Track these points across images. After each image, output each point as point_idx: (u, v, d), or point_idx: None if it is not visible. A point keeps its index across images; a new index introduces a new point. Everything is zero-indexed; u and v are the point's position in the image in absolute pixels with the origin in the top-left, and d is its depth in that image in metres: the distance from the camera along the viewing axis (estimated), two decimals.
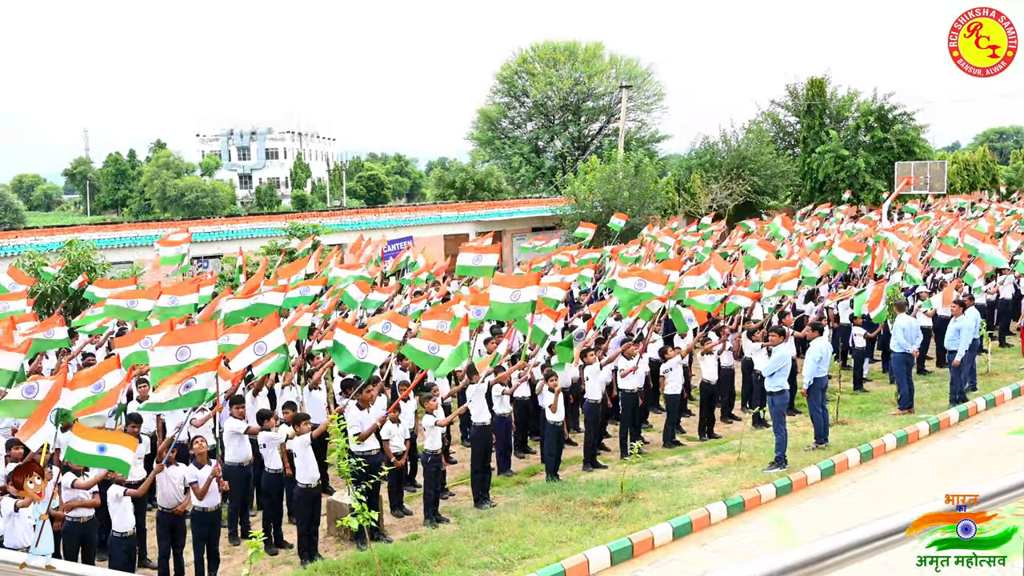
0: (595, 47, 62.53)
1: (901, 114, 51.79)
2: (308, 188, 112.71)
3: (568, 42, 62.72)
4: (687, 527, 11.84)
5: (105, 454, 10.03)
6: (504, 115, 63.95)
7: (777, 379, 14.46)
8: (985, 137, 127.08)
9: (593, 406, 15.48)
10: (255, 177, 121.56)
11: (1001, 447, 14.87)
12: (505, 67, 62.77)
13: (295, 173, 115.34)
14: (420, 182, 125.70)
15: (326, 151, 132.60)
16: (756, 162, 44.82)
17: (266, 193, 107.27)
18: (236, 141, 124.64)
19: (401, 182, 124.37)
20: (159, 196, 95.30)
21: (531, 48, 62.81)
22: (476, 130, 64.36)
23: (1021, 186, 64.32)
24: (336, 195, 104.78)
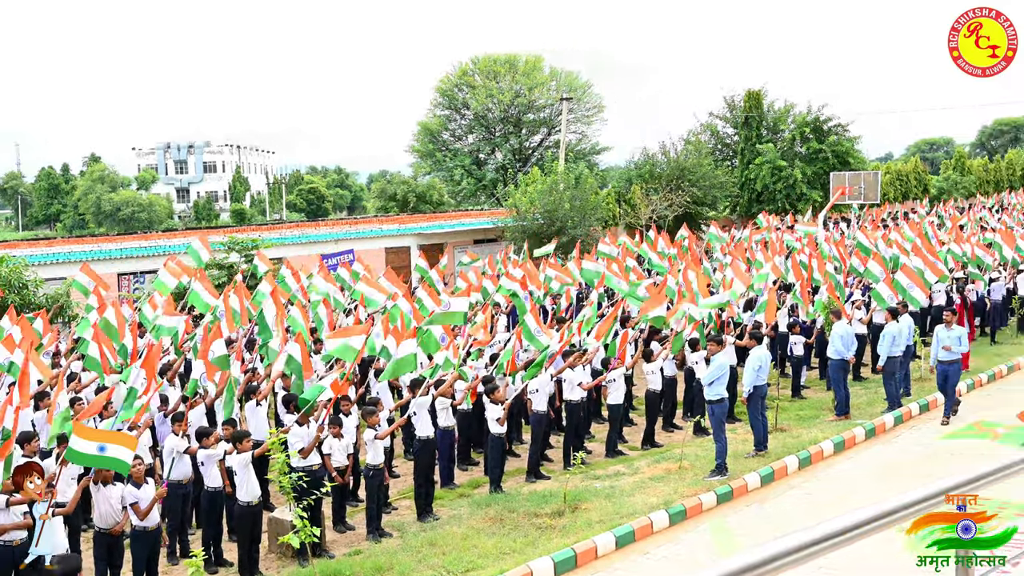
0: (535, 60, 62.82)
1: (836, 125, 52.78)
2: (247, 202, 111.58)
3: (508, 55, 62.97)
4: (630, 536, 11.88)
5: (105, 454, 10.12)
6: (445, 128, 63.94)
7: (716, 388, 14.59)
8: (917, 148, 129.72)
9: (539, 418, 15.50)
10: (193, 191, 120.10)
11: (935, 451, 15.15)
12: (445, 80, 62.81)
13: (234, 187, 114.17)
14: (361, 195, 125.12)
15: (265, 164, 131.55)
16: (695, 173, 45.35)
17: (204, 207, 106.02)
18: (173, 155, 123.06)
19: (342, 195, 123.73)
20: (94, 211, 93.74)
21: (471, 61, 62.95)
22: (417, 143, 64.27)
23: (951, 195, 65.64)
24: (276, 209, 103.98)
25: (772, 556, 2.56)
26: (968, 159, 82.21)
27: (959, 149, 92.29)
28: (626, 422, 17.90)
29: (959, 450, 14.89)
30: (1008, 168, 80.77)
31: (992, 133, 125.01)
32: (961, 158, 79.45)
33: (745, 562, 2.50)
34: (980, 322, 24.07)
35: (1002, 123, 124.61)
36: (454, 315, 16.07)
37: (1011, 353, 22.14)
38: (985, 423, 16.63)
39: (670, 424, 18.13)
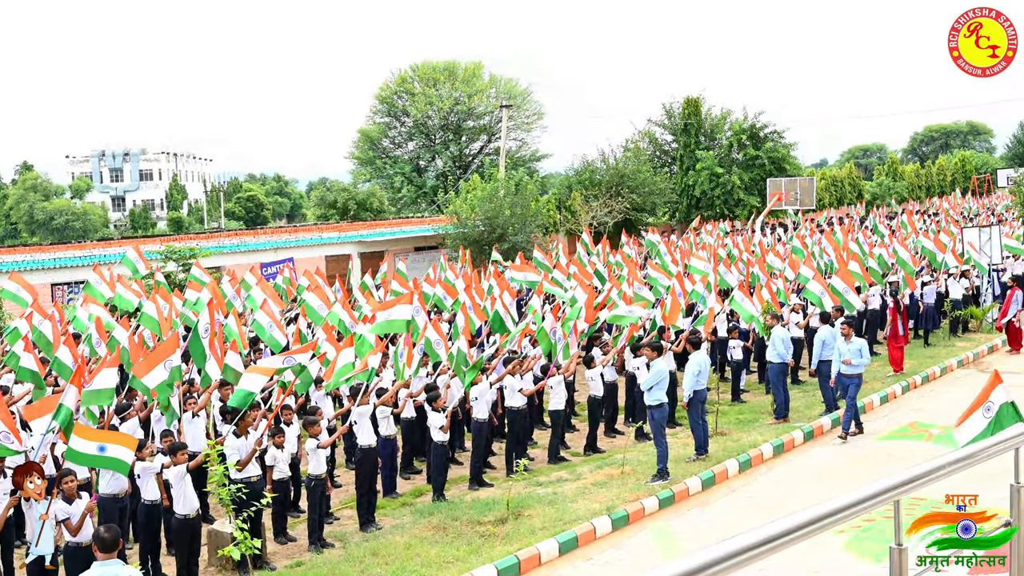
0: (475, 67, 62.91)
1: (772, 132, 53.56)
2: (185, 210, 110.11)
3: (447, 62, 62.98)
4: (573, 542, 11.91)
5: (105, 454, 10.19)
6: (385, 135, 63.75)
7: (656, 393, 14.68)
8: (851, 154, 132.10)
9: (480, 425, 15.46)
10: (129, 199, 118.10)
11: (872, 453, 15.41)
12: (384, 87, 62.61)
13: (171, 195, 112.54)
14: (300, 203, 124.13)
15: (203, 172, 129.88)
16: (634, 180, 45.68)
17: (140, 216, 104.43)
18: (108, 162, 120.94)
19: (281, 203, 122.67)
20: (26, 220, 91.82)
21: (410, 68, 62.84)
22: (357, 150, 63.98)
23: (884, 200, 66.93)
24: (214, 217, 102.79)
25: (714, 560, 2.56)
26: (900, 165, 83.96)
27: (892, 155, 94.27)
28: (568, 428, 17.93)
29: (895, 451, 15.15)
30: (939, 173, 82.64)
31: (923, 139, 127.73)
32: (894, 164, 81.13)
33: (687, 566, 2.50)
34: (914, 325, 24.51)
35: (932, 129, 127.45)
36: (396, 323, 16.03)
37: (944, 355, 22.60)
38: (920, 424, 16.95)
39: (612, 430, 18.19)
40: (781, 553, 2.88)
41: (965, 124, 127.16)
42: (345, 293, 25.50)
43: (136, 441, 10.93)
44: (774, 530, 2.73)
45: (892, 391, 19.30)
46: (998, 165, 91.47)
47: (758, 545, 2.67)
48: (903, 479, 3.29)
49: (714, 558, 2.55)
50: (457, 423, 16.26)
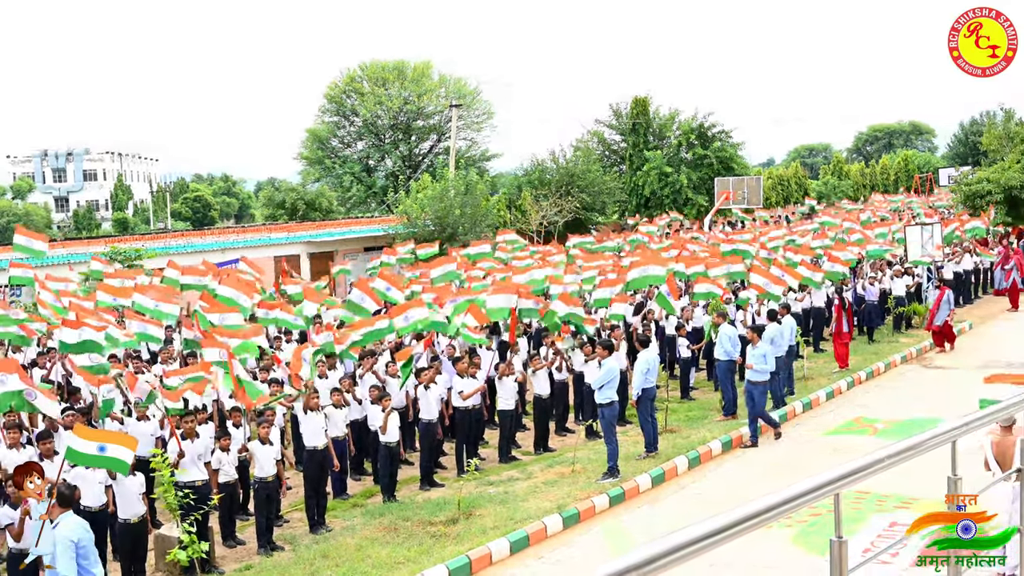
0: (424, 66, 62.74)
1: (719, 132, 54.02)
2: (130, 211, 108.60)
3: (397, 61, 62.76)
4: (524, 541, 11.94)
5: (105, 454, 10.19)
6: (334, 134, 63.38)
7: (606, 391, 14.75)
8: (797, 153, 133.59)
9: (428, 425, 15.43)
10: (72, 200, 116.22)
11: (819, 447, 15.61)
12: (333, 86, 62.24)
13: (116, 195, 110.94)
14: (249, 203, 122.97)
15: (149, 172, 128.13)
16: (584, 179, 45.87)
17: (85, 216, 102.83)
18: (51, 162, 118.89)
19: (229, 203, 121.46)
20: None
21: (359, 67, 62.52)
22: (306, 149, 63.52)
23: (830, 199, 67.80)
24: (160, 217, 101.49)
25: (660, 553, 2.60)
26: (845, 164, 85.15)
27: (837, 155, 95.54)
28: (519, 427, 17.95)
29: (841, 445, 15.36)
30: (883, 172, 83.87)
31: (868, 139, 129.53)
32: (839, 163, 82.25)
33: (634, 560, 2.53)
34: (858, 322, 24.87)
35: (876, 129, 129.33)
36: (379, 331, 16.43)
37: (888, 352, 22.96)
38: (865, 419, 17.20)
39: (562, 428, 18.25)
40: (730, 548, 2.92)
41: (908, 124, 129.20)
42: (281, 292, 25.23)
43: (136, 442, 10.87)
44: (717, 524, 2.77)
45: (838, 387, 19.58)
46: (940, 164, 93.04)
47: (702, 539, 2.71)
48: (841, 473, 3.34)
49: (660, 552, 2.58)
50: (407, 424, 16.22)
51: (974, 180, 37.99)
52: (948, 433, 4.09)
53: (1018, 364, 20.32)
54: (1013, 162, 36.60)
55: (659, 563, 2.57)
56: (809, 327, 23.83)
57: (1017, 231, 37.76)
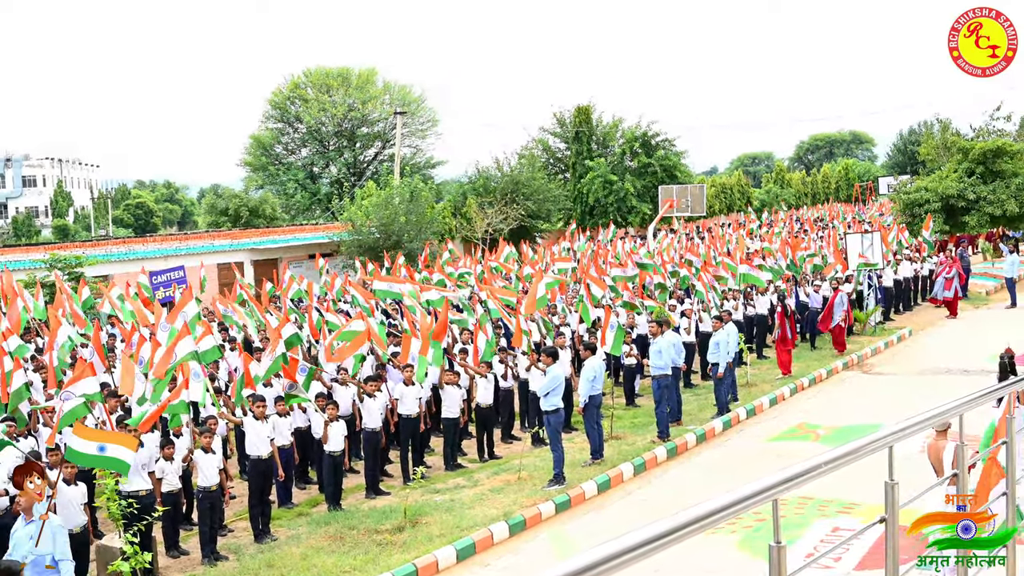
0: (368, 73, 62.56)
1: (663, 140, 54.48)
2: (71, 217, 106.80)
3: (341, 68, 62.51)
4: (471, 549, 11.94)
5: (105, 454, 10.16)
6: (277, 141, 62.96)
7: (552, 399, 14.79)
8: (740, 162, 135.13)
9: (372, 434, 15.36)
10: (11, 206, 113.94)
11: (762, 452, 15.78)
12: (276, 93, 61.85)
13: (56, 202, 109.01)
14: (192, 210, 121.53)
15: (90, 178, 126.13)
16: (529, 187, 46.04)
17: (24, 223, 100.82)
18: None
19: (171, 210, 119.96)
20: None
21: (303, 74, 62.18)
22: (249, 156, 63.01)
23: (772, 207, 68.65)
24: (101, 224, 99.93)
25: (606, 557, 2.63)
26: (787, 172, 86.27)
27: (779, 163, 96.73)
28: (464, 435, 17.93)
29: (784, 451, 15.53)
30: (824, 181, 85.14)
31: (809, 148, 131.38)
32: (781, 172, 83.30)
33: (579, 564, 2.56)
34: (800, 329, 25.18)
35: (818, 138, 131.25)
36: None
37: (829, 358, 23.27)
38: (808, 425, 17.43)
39: (508, 435, 18.27)
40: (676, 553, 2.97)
41: (848, 133, 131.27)
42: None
43: (137, 442, 10.74)
44: (660, 529, 2.81)
45: (781, 393, 19.81)
46: (879, 173, 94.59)
47: (646, 543, 2.74)
48: (780, 479, 3.40)
49: (604, 556, 2.61)
50: (352, 432, 16.14)
51: (912, 189, 38.64)
52: (885, 438, 4.17)
53: (956, 370, 20.71)
54: (950, 171, 37.30)
55: (603, 567, 2.60)
56: (753, 334, 24.09)
57: (955, 239, 38.52)
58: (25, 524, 9.27)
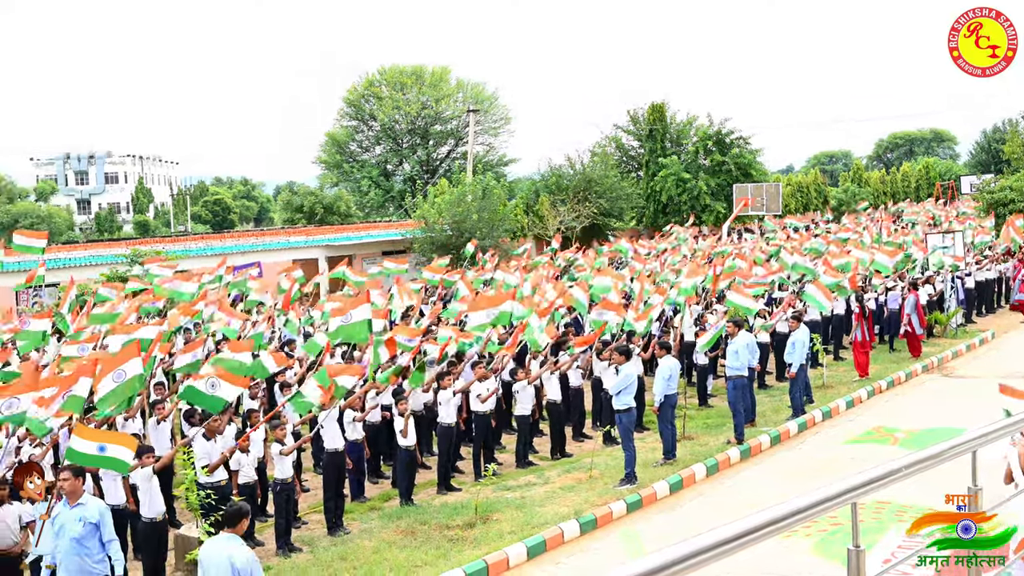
0: (442, 71, 62.93)
1: (737, 138, 53.89)
2: (151, 213, 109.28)
3: (415, 66, 62.95)
4: (541, 546, 11.93)
5: (105, 454, 10.15)
6: (352, 139, 63.63)
7: (623, 397, 14.73)
8: (816, 160, 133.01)
9: (446, 429, 15.45)
10: (94, 202, 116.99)
11: (838, 456, 15.51)
12: (352, 91, 62.50)
13: (137, 198, 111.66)
14: (268, 206, 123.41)
15: (169, 175, 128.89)
16: (602, 185, 45.83)
17: (106, 219, 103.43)
18: (73, 165, 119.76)
19: (248, 206, 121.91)
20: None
21: (378, 72, 62.73)
22: (324, 154, 63.78)
23: (849, 207, 67.44)
24: (180, 220, 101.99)
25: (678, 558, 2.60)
26: (865, 171, 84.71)
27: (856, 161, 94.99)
28: (536, 432, 17.94)
29: (860, 455, 15.26)
30: (903, 180, 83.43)
31: (888, 146, 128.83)
32: (859, 170, 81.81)
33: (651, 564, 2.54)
34: (879, 330, 24.73)
35: (897, 136, 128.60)
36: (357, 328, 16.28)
37: (909, 361, 22.80)
38: (886, 428, 17.10)
39: (580, 434, 18.23)
40: (748, 556, 2.93)
41: (929, 131, 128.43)
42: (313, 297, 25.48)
43: (136, 442, 10.92)
44: (734, 531, 2.78)
45: (857, 396, 19.47)
46: (961, 172, 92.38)
47: (718, 545, 2.71)
48: (859, 482, 3.34)
49: (675, 557, 2.58)
50: (424, 427, 16.24)
51: (997, 188, 37.72)
52: (969, 443, 4.07)
53: None
54: None
55: (676, 568, 2.58)
56: (829, 335, 23.72)
57: None
58: (70, 508, 9.39)
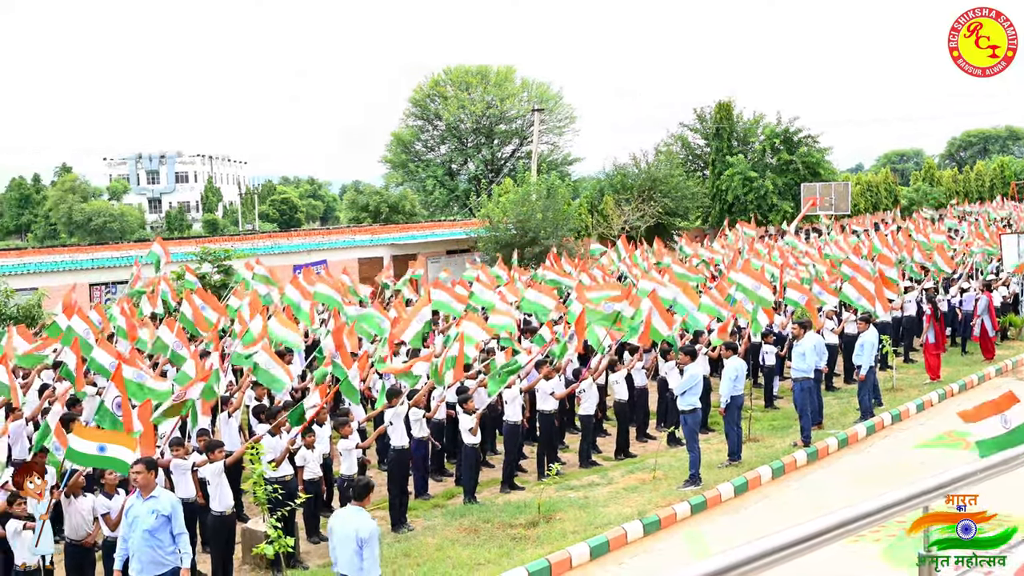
0: (507, 71, 63.03)
1: (805, 137, 53.19)
2: (219, 212, 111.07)
3: (480, 66, 63.16)
4: (604, 547, 11.89)
5: (105, 454, 10.20)
6: (417, 138, 64.03)
7: (689, 398, 14.62)
8: (887, 159, 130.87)
9: (512, 428, 15.48)
10: (165, 201, 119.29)
11: (907, 460, 15.24)
12: (418, 90, 62.90)
13: (206, 197, 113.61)
14: (334, 205, 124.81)
15: (237, 175, 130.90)
16: (667, 184, 45.53)
17: (176, 217, 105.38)
18: (145, 165, 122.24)
19: (314, 205, 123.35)
20: (65, 221, 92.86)
21: (443, 71, 63.05)
22: (390, 153, 64.25)
23: (920, 207, 66.27)
24: (248, 219, 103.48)
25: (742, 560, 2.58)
26: (937, 170, 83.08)
27: (928, 160, 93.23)
28: (599, 432, 17.90)
29: (930, 459, 14.99)
30: (977, 179, 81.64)
31: (961, 144, 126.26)
32: (930, 169, 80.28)
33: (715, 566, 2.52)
34: (951, 332, 24.26)
35: (971, 134, 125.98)
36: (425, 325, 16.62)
37: (981, 364, 22.34)
38: (957, 432, 16.73)
39: (644, 434, 18.15)
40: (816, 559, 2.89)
41: (1004, 129, 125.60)
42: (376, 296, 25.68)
43: (136, 442, 10.98)
44: (800, 533, 2.74)
45: (928, 399, 19.10)
46: None
47: (784, 548, 2.68)
48: (931, 485, 3.28)
49: (740, 559, 2.56)
50: (488, 426, 16.28)
51: None
52: None
53: None
54: None
55: (740, 570, 2.55)
56: (899, 337, 23.31)
57: None
58: (143, 501, 9.54)
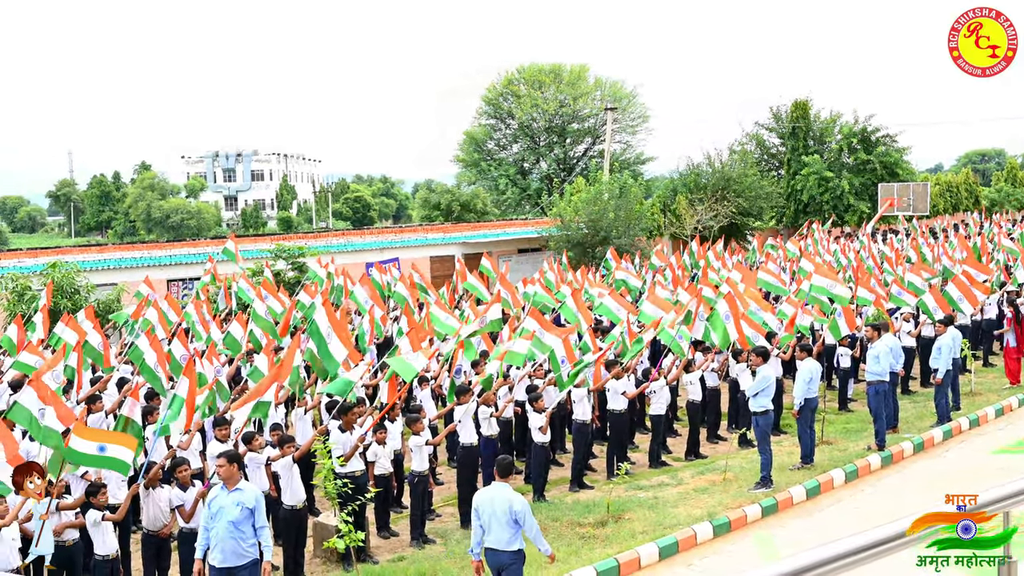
0: (580, 69, 62.95)
1: (884, 136, 52.24)
2: (294, 210, 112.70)
3: (553, 64, 63.16)
4: (673, 547, 11.84)
5: (105, 454, 10.16)
6: (490, 137, 64.25)
7: (761, 399, 14.48)
8: (968, 159, 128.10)
9: (582, 427, 15.49)
10: (241, 199, 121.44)
11: (984, 465, 14.92)
12: (491, 89, 63.10)
13: (281, 195, 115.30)
14: (406, 204, 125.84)
15: (312, 173, 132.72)
16: (741, 184, 44.98)
17: (252, 215, 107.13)
18: (221, 163, 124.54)
19: (387, 204, 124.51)
20: (144, 218, 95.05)
21: (516, 70, 63.18)
22: (462, 152, 64.56)
23: (1003, 207, 64.70)
24: (322, 217, 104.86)
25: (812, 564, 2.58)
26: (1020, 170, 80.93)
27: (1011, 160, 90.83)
28: (670, 432, 17.83)
29: (1008, 465, 14.68)
30: None
31: None
32: (1013, 169, 78.25)
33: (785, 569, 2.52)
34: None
35: None
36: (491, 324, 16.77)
37: None
38: None
39: (714, 435, 18.03)
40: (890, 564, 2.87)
41: None
42: (451, 296, 25.86)
43: (136, 441, 11.08)
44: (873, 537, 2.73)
45: (1008, 404, 18.66)
46: None
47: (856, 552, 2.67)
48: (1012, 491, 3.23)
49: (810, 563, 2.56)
50: (557, 425, 16.30)
51: None
52: None
53: None
54: None
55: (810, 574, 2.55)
56: (979, 340, 22.82)
57: None
58: (228, 493, 9.68)
